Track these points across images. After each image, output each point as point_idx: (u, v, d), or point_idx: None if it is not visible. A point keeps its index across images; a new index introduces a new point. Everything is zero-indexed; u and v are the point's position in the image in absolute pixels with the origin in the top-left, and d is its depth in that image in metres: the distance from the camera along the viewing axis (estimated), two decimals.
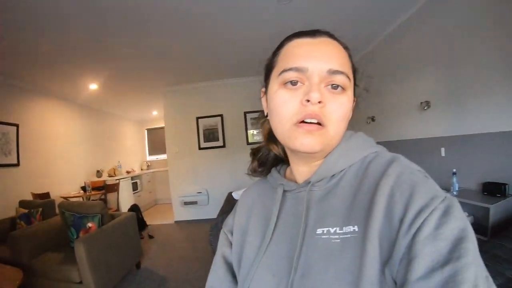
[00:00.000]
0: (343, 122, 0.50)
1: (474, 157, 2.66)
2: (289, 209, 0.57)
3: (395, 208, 0.42)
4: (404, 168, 0.46)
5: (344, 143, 0.54)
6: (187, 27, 3.28)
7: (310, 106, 0.47)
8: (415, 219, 0.39)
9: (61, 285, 2.54)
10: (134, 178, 6.93)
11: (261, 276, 0.52)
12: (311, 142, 0.48)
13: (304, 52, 0.49)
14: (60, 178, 5.10)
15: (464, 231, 0.37)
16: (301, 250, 0.49)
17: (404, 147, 3.71)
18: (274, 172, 0.65)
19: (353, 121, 0.54)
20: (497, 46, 2.31)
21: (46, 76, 4.23)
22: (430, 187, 0.42)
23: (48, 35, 3.04)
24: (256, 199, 0.66)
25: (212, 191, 5.81)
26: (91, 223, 2.82)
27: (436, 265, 0.36)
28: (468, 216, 2.56)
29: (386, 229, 0.41)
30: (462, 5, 2.61)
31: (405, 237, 0.39)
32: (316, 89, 0.47)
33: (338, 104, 0.48)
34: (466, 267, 0.35)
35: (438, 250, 0.37)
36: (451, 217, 0.38)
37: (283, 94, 0.50)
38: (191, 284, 2.89)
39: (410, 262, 0.37)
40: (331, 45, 0.51)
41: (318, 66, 0.48)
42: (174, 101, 5.90)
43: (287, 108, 0.49)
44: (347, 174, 0.52)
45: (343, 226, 0.46)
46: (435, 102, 3.08)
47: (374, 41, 4.18)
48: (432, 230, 0.38)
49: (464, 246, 0.36)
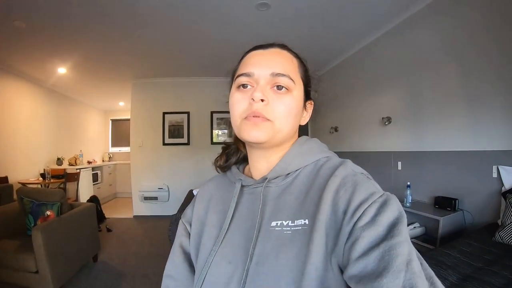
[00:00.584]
0: (289, 118, 0.57)
1: (428, 172, 2.95)
2: (245, 203, 0.61)
3: (339, 202, 0.48)
4: (349, 171, 0.54)
5: (299, 146, 0.62)
6: (161, 21, 3.31)
7: (254, 105, 0.54)
8: (356, 210, 0.45)
9: (16, 274, 2.46)
10: (95, 169, 6.72)
11: (218, 264, 0.56)
12: (257, 133, 0.54)
13: (254, 61, 0.58)
14: (19, 162, 4.86)
15: (398, 218, 0.44)
16: (257, 240, 0.53)
17: (364, 158, 3.98)
18: (234, 168, 0.70)
19: (316, 130, 0.66)
20: (457, 71, 2.61)
21: (12, 54, 4.04)
22: (370, 186, 0.50)
23: (20, 13, 2.96)
24: (214, 193, 0.70)
25: (173, 188, 5.81)
26: (50, 211, 2.76)
27: (374, 244, 0.42)
28: (420, 227, 2.82)
29: (332, 221, 0.48)
30: (426, 31, 2.93)
31: (348, 225, 0.45)
32: (259, 90, 0.54)
33: (281, 102, 0.55)
34: (400, 244, 0.40)
35: (376, 233, 0.42)
36: (388, 208, 0.44)
37: (237, 95, 0.58)
38: (148, 279, 2.93)
39: (352, 244, 0.43)
40: (279, 54, 0.59)
41: (263, 71, 0.56)
42: (142, 93, 5.84)
43: (238, 107, 0.57)
44: (301, 174, 0.59)
45: (294, 220, 0.52)
46: (395, 119, 3.39)
47: (343, 55, 4.47)
48: (370, 219, 0.44)
49: (397, 228, 0.42)
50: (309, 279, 0.45)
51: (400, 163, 3.33)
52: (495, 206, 2.31)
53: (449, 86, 2.70)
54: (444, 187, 2.76)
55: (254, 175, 0.65)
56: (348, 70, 4.45)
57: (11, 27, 3.21)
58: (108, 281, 2.89)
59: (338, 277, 0.46)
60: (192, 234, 0.67)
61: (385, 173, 3.56)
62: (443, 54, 2.75)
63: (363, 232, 0.43)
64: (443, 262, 1.61)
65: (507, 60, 2.22)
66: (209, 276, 0.56)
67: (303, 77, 0.62)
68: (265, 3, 2.92)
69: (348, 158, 0.61)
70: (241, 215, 0.60)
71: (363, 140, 4.08)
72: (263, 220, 0.56)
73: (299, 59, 0.64)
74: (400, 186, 3.14)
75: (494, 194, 2.32)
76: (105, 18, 3.17)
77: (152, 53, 4.38)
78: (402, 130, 3.32)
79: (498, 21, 2.28)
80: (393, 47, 3.39)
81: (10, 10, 2.90)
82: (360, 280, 0.40)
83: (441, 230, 2.38)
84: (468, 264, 1.58)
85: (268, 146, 0.59)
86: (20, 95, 4.96)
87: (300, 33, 3.65)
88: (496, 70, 2.30)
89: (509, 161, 2.21)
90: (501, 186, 2.24)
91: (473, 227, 2.43)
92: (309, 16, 3.22)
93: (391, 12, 3.15)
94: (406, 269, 0.38)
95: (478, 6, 2.43)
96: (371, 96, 3.85)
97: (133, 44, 3.96)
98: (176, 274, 0.67)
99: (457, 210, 2.54)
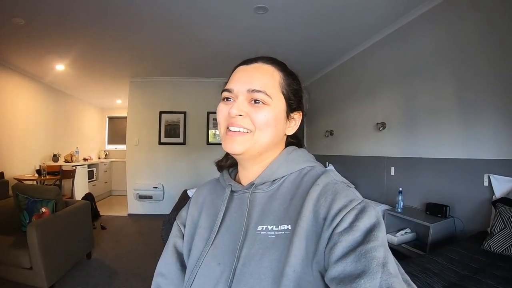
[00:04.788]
0: (267, 128, 0.60)
1: (420, 179, 2.99)
2: (234, 207, 0.65)
3: (320, 210, 0.52)
4: (330, 179, 0.57)
5: (286, 155, 0.65)
6: (159, 21, 3.33)
7: (232, 118, 0.59)
8: (335, 217, 0.49)
9: (10, 270, 2.47)
10: (90, 166, 6.69)
11: (208, 264, 0.59)
12: (234, 146, 0.59)
13: (236, 77, 0.62)
14: (15, 158, 4.84)
15: (375, 224, 0.47)
16: (244, 243, 0.57)
17: (358, 162, 4.03)
18: (225, 173, 0.73)
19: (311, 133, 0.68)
20: (451, 79, 2.65)
21: (13, 49, 4.03)
22: (350, 193, 0.53)
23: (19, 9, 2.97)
24: (207, 197, 0.74)
25: (168, 187, 5.82)
26: (45, 208, 2.77)
27: (351, 248, 0.44)
28: (411, 233, 2.86)
29: (313, 227, 0.51)
30: (420, 39, 2.97)
31: (327, 231, 0.48)
32: (235, 106, 0.59)
33: (258, 114, 0.59)
34: (375, 248, 0.43)
35: (353, 238, 0.45)
36: (365, 215, 0.47)
37: (220, 106, 0.63)
38: (141, 277, 2.94)
39: (331, 249, 0.46)
40: (259, 69, 0.63)
41: (241, 87, 0.60)
42: (140, 92, 5.84)
43: (221, 117, 0.62)
44: (286, 181, 0.62)
45: (278, 225, 0.56)
46: (390, 124, 3.43)
47: (340, 60, 4.52)
48: (348, 224, 0.47)
49: (374, 234, 0.45)
50: (287, 280, 0.48)
51: (393, 168, 3.37)
52: (485, 214, 2.34)
53: (442, 94, 2.74)
54: (436, 194, 2.80)
55: (242, 181, 0.69)
56: (345, 75, 4.49)
57: (10, 23, 3.22)
58: (101, 278, 2.90)
59: (318, 282, 0.49)
60: (185, 235, 0.70)
61: (378, 178, 3.60)
62: (437, 62, 2.79)
63: (341, 237, 0.46)
64: (430, 269, 1.63)
65: (499, 69, 2.26)
66: (199, 275, 0.59)
67: (286, 90, 0.64)
68: (263, 6, 2.94)
69: (342, 162, 0.64)
70: (231, 218, 0.63)
71: (358, 144, 4.11)
72: (250, 224, 0.59)
73: (284, 72, 0.66)
74: (393, 191, 3.18)
75: (484, 203, 2.35)
76: (103, 16, 3.18)
77: (150, 52, 4.38)
78: (396, 136, 3.35)
79: (490, 31, 2.32)
80: (389, 54, 3.43)
81: (9, 7, 2.90)
82: (340, 282, 0.43)
83: (432, 236, 2.41)
84: (455, 272, 1.61)
85: (247, 157, 0.63)
86: (18, 91, 4.95)
87: (297, 37, 3.68)
88: (489, 79, 2.34)
89: (500, 170, 2.24)
90: (491, 195, 2.27)
91: (464, 234, 2.47)
92: (306, 20, 3.25)
93: (387, 19, 3.21)
94: (382, 271, 0.41)
95: (470, 16, 2.48)
96: (366, 101, 3.89)
97: (131, 43, 3.97)
98: (167, 273, 0.70)
99: (448, 217, 2.57)
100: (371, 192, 3.74)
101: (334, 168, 4.46)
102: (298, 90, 0.68)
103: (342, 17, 3.16)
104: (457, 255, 1.84)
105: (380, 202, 3.44)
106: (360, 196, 0.53)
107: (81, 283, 2.80)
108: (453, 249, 1.93)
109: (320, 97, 5.38)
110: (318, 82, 5.47)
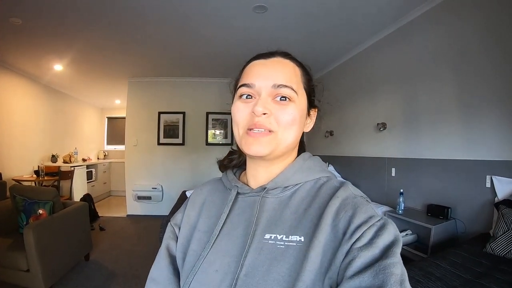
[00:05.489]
0: (292, 127, 0.57)
1: (422, 180, 2.96)
2: (238, 210, 0.61)
3: (339, 224, 0.49)
4: (349, 193, 0.55)
5: (302, 161, 0.63)
6: (158, 21, 3.31)
7: (256, 117, 0.54)
8: (355, 231, 0.47)
9: (7, 272, 2.45)
10: (89, 167, 6.67)
11: (205, 271, 0.55)
12: (258, 148, 0.55)
13: (255, 72, 0.58)
14: (13, 159, 4.82)
15: (394, 242, 0.45)
16: (248, 250, 0.53)
17: (358, 163, 4.01)
18: (230, 174, 0.69)
19: (311, 133, 0.67)
20: (452, 79, 2.63)
21: (11, 49, 4.01)
22: (369, 209, 0.51)
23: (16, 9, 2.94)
24: (208, 198, 0.70)
25: (167, 188, 5.79)
26: (42, 209, 2.75)
27: (369, 264, 0.43)
28: (412, 234, 2.83)
29: (331, 241, 0.48)
30: (421, 39, 2.95)
31: (346, 245, 0.46)
32: (260, 104, 0.54)
33: (284, 113, 0.55)
34: (394, 265, 0.42)
35: (372, 254, 0.44)
36: (385, 232, 0.46)
37: (239, 105, 0.58)
38: (140, 279, 2.91)
39: (349, 263, 0.44)
40: (280, 64, 0.59)
41: (264, 83, 0.56)
42: (138, 92, 5.82)
43: (240, 117, 0.57)
44: (301, 190, 0.59)
45: (289, 235, 0.52)
46: (391, 125, 3.40)
47: (341, 59, 4.50)
48: (368, 240, 0.45)
49: (392, 250, 0.44)
50: None
51: (394, 169, 3.34)
52: (487, 216, 2.31)
53: (444, 94, 2.71)
54: (437, 195, 2.77)
55: (251, 184, 0.65)
56: (345, 75, 4.47)
57: (7, 23, 3.20)
58: (99, 281, 2.89)
59: None
60: (180, 238, 0.66)
61: (379, 179, 3.58)
62: (439, 63, 2.76)
63: (360, 252, 0.44)
64: (432, 274, 1.60)
65: (500, 69, 2.24)
66: (195, 282, 0.55)
67: (306, 86, 0.62)
68: (262, 5, 2.92)
69: (342, 162, 0.62)
70: (233, 222, 0.60)
71: (358, 145, 4.09)
72: (257, 231, 0.55)
73: (302, 67, 0.64)
74: (394, 192, 3.15)
75: (487, 204, 2.33)
76: (101, 16, 3.15)
77: (148, 52, 4.36)
78: (396, 137, 3.33)
79: (491, 32, 2.30)
80: (389, 54, 3.41)
81: (6, 7, 2.88)
82: None
83: (433, 238, 2.39)
84: (457, 276, 1.58)
85: (270, 158, 0.59)
86: (16, 91, 4.92)
87: (297, 37, 3.66)
88: (490, 79, 2.31)
89: (502, 171, 2.22)
90: (494, 196, 2.25)
91: (466, 236, 2.44)
92: (306, 20, 3.23)
93: (387, 19, 3.18)
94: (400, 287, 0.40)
95: (470, 16, 2.46)
96: (367, 102, 3.87)
97: (130, 43, 3.95)
98: (159, 278, 0.64)
99: (449, 219, 2.55)
100: (372, 193, 3.71)
101: (334, 169, 4.47)
102: (315, 86, 0.67)
103: (342, 16, 3.14)
104: (459, 258, 1.81)
105: (381, 203, 3.41)
106: (380, 213, 0.52)
107: (79, 285, 2.78)
108: (456, 252, 1.90)
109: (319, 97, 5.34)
110: (318, 82, 5.42)
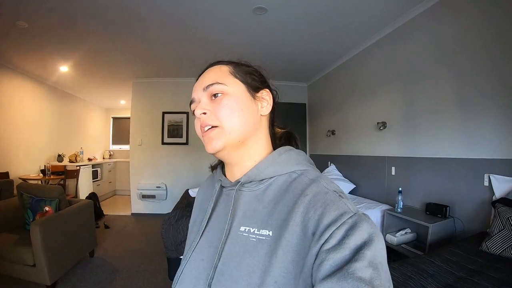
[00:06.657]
0: (233, 115, 0.59)
1: (421, 178, 2.98)
2: (222, 204, 0.65)
3: (308, 224, 0.48)
4: (321, 189, 0.53)
5: (277, 155, 0.62)
6: (161, 23, 3.36)
7: (201, 120, 0.61)
8: (324, 232, 0.45)
9: (14, 267, 2.52)
10: (95, 166, 6.77)
11: (194, 259, 0.60)
12: (212, 143, 0.59)
13: (194, 88, 0.65)
14: (20, 158, 4.91)
15: (366, 242, 0.43)
16: (226, 241, 0.56)
17: (359, 162, 4.02)
18: (218, 168, 0.73)
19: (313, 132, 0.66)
20: (451, 79, 2.64)
21: (17, 51, 4.10)
22: (341, 205, 0.48)
23: (23, 13, 3.02)
24: (205, 194, 0.76)
25: (171, 187, 5.86)
26: (48, 207, 2.82)
27: (338, 267, 0.41)
28: (411, 233, 2.85)
29: (302, 241, 0.48)
30: (421, 39, 2.96)
31: (315, 247, 0.45)
32: (198, 107, 0.60)
33: (219, 106, 0.59)
34: (361, 269, 0.40)
35: (341, 256, 0.42)
36: (357, 230, 0.44)
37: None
38: (143, 277, 2.96)
39: (318, 266, 0.43)
40: (209, 71, 0.65)
41: (198, 92, 0.63)
42: (143, 92, 5.89)
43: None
44: (274, 184, 0.59)
45: (260, 229, 0.54)
46: (390, 124, 3.42)
47: (341, 60, 4.52)
48: (337, 241, 0.43)
49: (362, 252, 0.41)
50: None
51: (394, 168, 3.36)
52: (485, 214, 2.32)
53: (443, 93, 2.72)
54: (436, 194, 2.79)
55: (230, 178, 0.67)
56: (345, 74, 4.49)
57: (14, 27, 3.28)
58: (102, 276, 2.94)
59: None
60: (188, 233, 0.74)
61: (379, 177, 3.59)
62: (438, 62, 2.77)
63: (329, 255, 0.43)
64: (425, 270, 1.61)
65: (499, 68, 2.24)
66: (186, 269, 0.60)
67: (239, 74, 0.64)
68: (262, 7, 2.96)
69: (344, 161, 0.63)
70: (218, 215, 0.64)
71: (358, 144, 4.11)
72: (233, 223, 0.58)
73: (232, 63, 0.67)
74: (393, 191, 3.17)
75: (485, 203, 2.34)
76: (107, 19, 3.22)
77: (152, 54, 4.42)
78: (396, 136, 3.34)
79: (490, 30, 2.31)
80: (389, 54, 3.42)
81: (13, 11, 2.96)
82: None
83: (431, 237, 2.40)
84: (451, 273, 1.59)
85: (230, 150, 0.62)
86: (22, 92, 5.01)
87: (297, 37, 3.69)
88: (489, 78, 2.32)
89: (500, 170, 2.23)
90: (492, 195, 2.26)
91: (464, 235, 2.45)
92: (306, 21, 3.26)
93: (386, 19, 3.20)
94: None
95: (469, 15, 2.46)
96: (367, 101, 3.89)
97: (134, 44, 4.01)
98: None
99: (448, 217, 2.55)
100: (372, 192, 3.74)
101: (335, 167, 4.49)
102: (254, 71, 0.67)
103: (342, 17, 3.16)
104: (454, 256, 1.83)
105: (380, 202, 3.44)
106: (354, 208, 0.49)
107: (83, 280, 2.84)
108: (451, 250, 1.92)
109: (321, 96, 5.39)
110: (319, 82, 5.49)
